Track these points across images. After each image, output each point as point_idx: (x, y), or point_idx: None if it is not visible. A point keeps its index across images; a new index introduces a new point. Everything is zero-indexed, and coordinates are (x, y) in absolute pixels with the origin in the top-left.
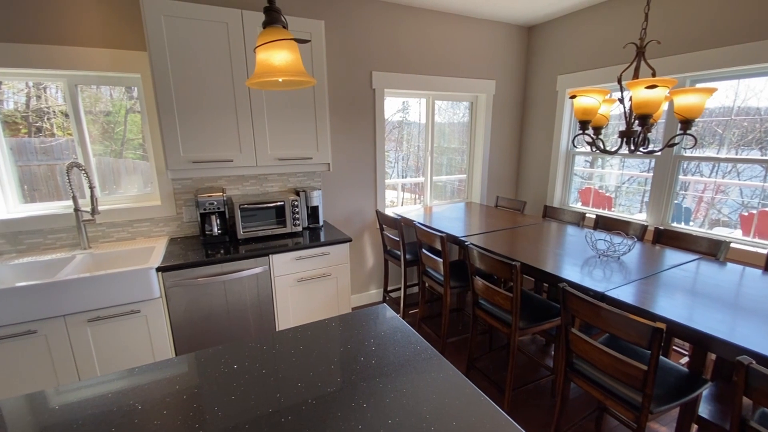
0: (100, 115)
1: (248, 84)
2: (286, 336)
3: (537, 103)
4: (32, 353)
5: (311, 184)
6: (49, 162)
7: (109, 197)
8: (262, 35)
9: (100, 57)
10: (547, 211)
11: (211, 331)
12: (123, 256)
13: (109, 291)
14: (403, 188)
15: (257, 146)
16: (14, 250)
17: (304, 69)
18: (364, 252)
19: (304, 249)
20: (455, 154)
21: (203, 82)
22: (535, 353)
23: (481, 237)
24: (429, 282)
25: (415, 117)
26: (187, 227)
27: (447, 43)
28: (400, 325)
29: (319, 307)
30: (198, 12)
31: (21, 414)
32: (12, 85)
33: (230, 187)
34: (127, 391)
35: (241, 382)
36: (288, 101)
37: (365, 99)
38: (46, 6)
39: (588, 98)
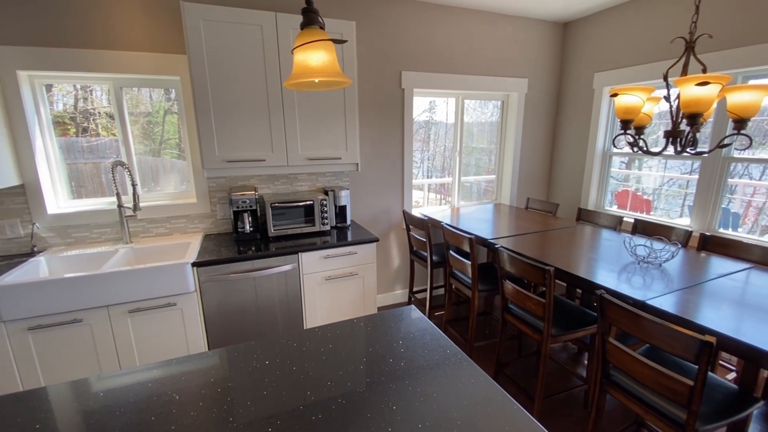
0: (141, 116)
1: (286, 85)
2: (315, 334)
3: (572, 102)
4: (78, 341)
5: (339, 183)
6: (94, 160)
7: (149, 194)
8: (300, 36)
9: (143, 60)
10: (581, 214)
11: (241, 325)
12: (161, 250)
13: (149, 284)
14: (429, 188)
15: (288, 146)
16: (63, 243)
17: (340, 70)
18: (390, 252)
19: (332, 248)
20: (483, 154)
21: (238, 83)
22: (566, 361)
23: (511, 240)
24: (456, 284)
25: (442, 116)
26: (221, 224)
27: (478, 41)
28: (428, 327)
29: (345, 306)
30: (234, 15)
31: (67, 399)
32: (62, 87)
33: (262, 186)
34: (165, 381)
35: (272, 378)
36: (319, 102)
37: (394, 99)
38: (95, 13)
39: (631, 96)
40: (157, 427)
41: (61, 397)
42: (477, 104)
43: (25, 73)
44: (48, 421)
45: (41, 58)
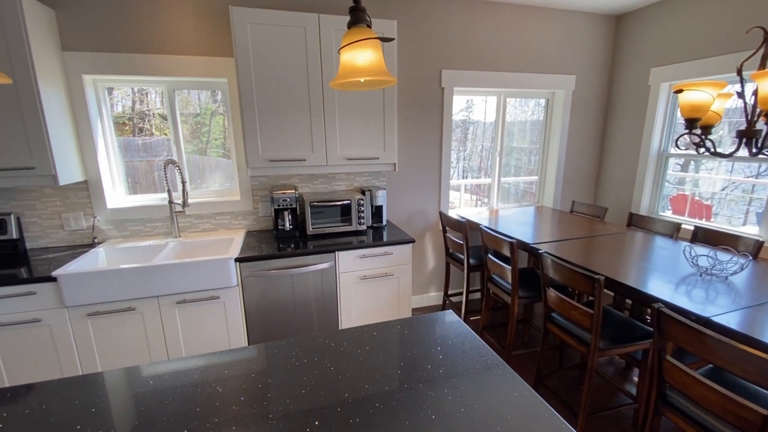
0: (189, 117)
1: (332, 85)
2: (352, 335)
3: (624, 99)
4: (131, 328)
5: (376, 183)
6: (148, 158)
7: (196, 191)
8: (347, 35)
9: (194, 64)
10: (632, 219)
11: (278, 321)
12: (207, 245)
13: (195, 277)
14: (465, 189)
15: (328, 146)
16: (120, 235)
17: (386, 68)
18: (425, 253)
19: (368, 248)
20: (523, 154)
21: (281, 84)
22: (613, 376)
23: (555, 245)
24: (494, 289)
25: (479, 116)
26: (262, 221)
27: (522, 37)
28: (467, 334)
29: (380, 306)
30: (279, 18)
31: (120, 385)
32: (121, 90)
33: (301, 185)
34: (210, 373)
35: (310, 377)
36: (358, 102)
37: (433, 98)
38: (153, 21)
39: (698, 93)
40: (202, 419)
41: (114, 382)
42: (517, 102)
43: (90, 77)
44: (103, 405)
45: (104, 63)
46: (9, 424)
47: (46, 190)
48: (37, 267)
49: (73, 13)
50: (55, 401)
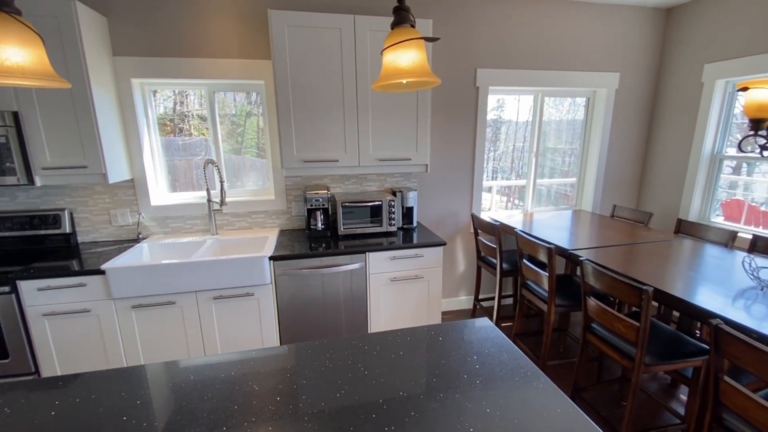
0: (226, 118)
1: (374, 87)
2: (385, 338)
3: (674, 98)
4: (171, 321)
5: (407, 184)
6: (187, 158)
7: (232, 190)
8: (390, 36)
9: (233, 67)
10: (681, 225)
11: (308, 319)
12: (242, 243)
13: (231, 274)
14: (497, 191)
15: (360, 147)
16: (162, 231)
17: (430, 69)
18: (456, 256)
19: (399, 249)
20: (557, 155)
21: (316, 86)
22: (657, 392)
23: (595, 252)
24: (528, 296)
25: (511, 115)
26: (295, 220)
27: (562, 33)
28: (505, 343)
29: (409, 308)
30: (315, 20)
31: (163, 379)
32: (164, 92)
33: (333, 186)
34: (247, 371)
35: (345, 380)
36: (392, 103)
37: (467, 97)
38: (196, 26)
39: (766, 91)
40: (240, 417)
41: (157, 375)
42: (552, 101)
43: (138, 81)
44: (147, 398)
45: (151, 67)
46: (61, 412)
47: (96, 187)
48: (88, 260)
49: (124, 20)
50: (103, 392)
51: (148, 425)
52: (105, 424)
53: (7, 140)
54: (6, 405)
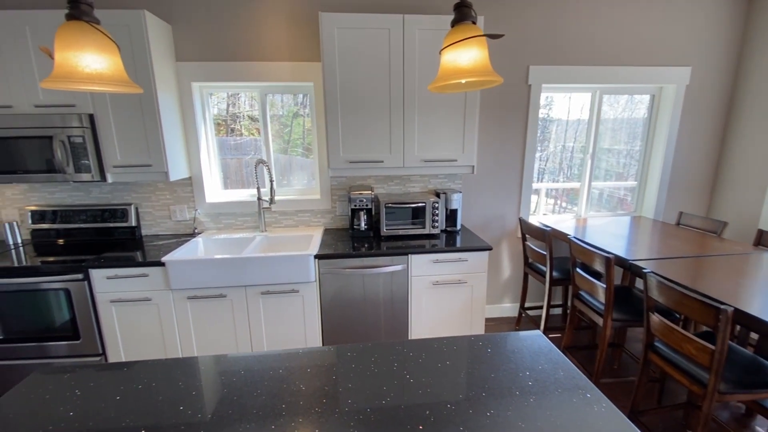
0: (274, 119)
1: (431, 89)
2: (431, 346)
3: (757, 94)
4: (222, 313)
5: (451, 186)
6: (237, 157)
7: (279, 189)
8: (451, 35)
9: (284, 69)
10: (762, 237)
11: (350, 319)
12: (289, 240)
13: (279, 270)
14: (545, 194)
15: (406, 148)
16: (215, 227)
17: (491, 68)
18: (501, 261)
19: (443, 252)
20: (611, 156)
21: (363, 87)
22: (728, 422)
23: (658, 263)
24: (581, 307)
25: (560, 113)
26: (339, 220)
27: (625, 25)
28: (560, 361)
29: (451, 313)
30: (364, 21)
31: (216, 372)
32: (218, 95)
33: (377, 186)
34: (294, 370)
35: (390, 387)
36: (438, 103)
37: (518, 96)
38: (251, 30)
39: None
40: (287, 417)
41: (211, 367)
42: (607, 98)
43: (197, 84)
44: (202, 389)
45: (209, 71)
46: (125, 398)
47: (159, 184)
48: (150, 252)
49: (187, 27)
50: (163, 380)
51: (202, 417)
52: (164, 412)
53: (83, 140)
54: (77, 387)
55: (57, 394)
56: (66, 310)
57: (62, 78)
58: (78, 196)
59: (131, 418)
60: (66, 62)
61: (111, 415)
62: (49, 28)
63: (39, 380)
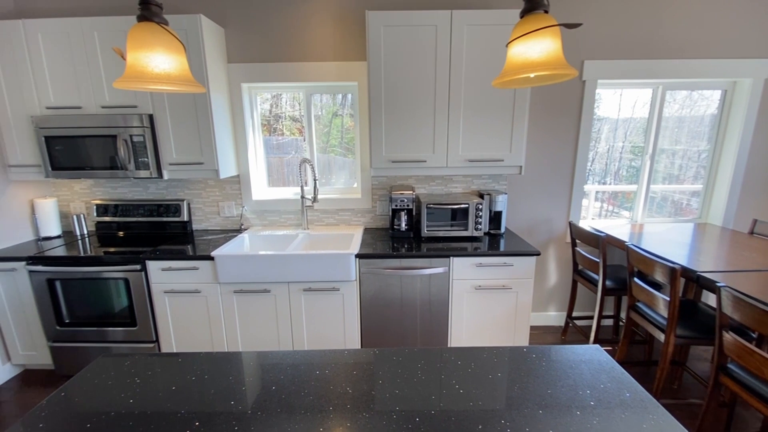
0: (315, 119)
1: (495, 84)
2: (480, 355)
3: None
4: (265, 307)
5: (495, 187)
6: (279, 155)
7: (321, 188)
8: (520, 26)
9: (330, 69)
10: None
11: (388, 320)
12: (330, 239)
13: (321, 268)
14: (595, 197)
15: (449, 147)
16: (260, 223)
17: (565, 60)
18: (547, 267)
19: (487, 256)
20: (665, 156)
21: (408, 85)
22: None
23: (730, 276)
24: (638, 320)
25: (609, 111)
26: (379, 220)
27: (692, 14)
28: (625, 380)
29: (494, 320)
30: (412, 18)
31: (265, 368)
32: (262, 95)
33: (418, 186)
34: (339, 372)
35: (439, 396)
36: (486, 100)
37: (571, 93)
38: (298, 31)
39: None
40: (335, 420)
41: (259, 363)
42: (668, 94)
43: (246, 85)
44: (251, 385)
45: (258, 72)
46: (180, 388)
47: (209, 182)
48: (200, 246)
49: (238, 30)
50: (214, 373)
51: (252, 413)
52: (216, 404)
53: (143, 139)
54: (137, 375)
55: (118, 380)
56: (125, 298)
57: (134, 78)
58: (137, 191)
59: (186, 409)
60: (137, 62)
61: (167, 405)
62: (115, 33)
63: (103, 365)
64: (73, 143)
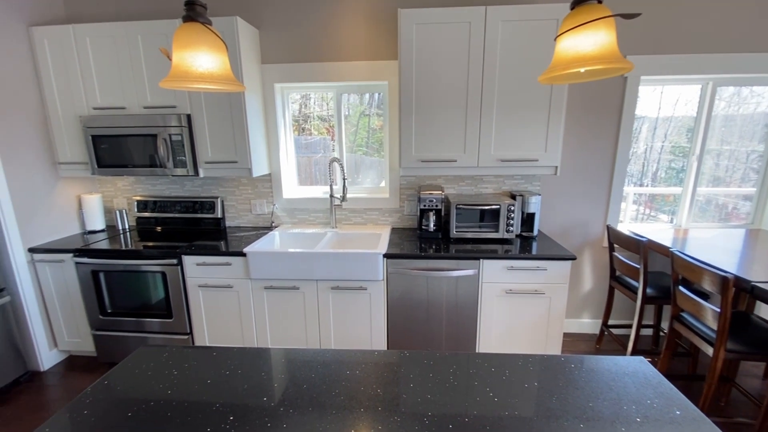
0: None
1: (542, 80)
2: (515, 363)
3: None
4: (294, 304)
5: (528, 188)
6: (308, 155)
7: (349, 187)
8: (571, 18)
9: (360, 69)
10: None
11: (415, 323)
12: (358, 238)
13: (349, 267)
14: (633, 200)
15: (481, 147)
16: (290, 221)
17: (620, 53)
18: (582, 272)
19: (519, 260)
20: (709, 158)
21: (439, 84)
22: None
23: None
24: (682, 331)
25: (647, 110)
26: (406, 220)
27: (745, 3)
28: (674, 396)
29: (525, 325)
30: (445, 16)
31: (296, 365)
32: (292, 96)
33: (447, 186)
34: (370, 372)
35: (472, 404)
36: (521, 99)
37: (611, 90)
38: (330, 31)
39: None
40: (367, 422)
41: (291, 361)
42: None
43: (279, 85)
44: (283, 382)
45: (291, 73)
46: (215, 382)
47: (242, 180)
48: (232, 243)
49: (272, 31)
50: (248, 368)
51: (284, 411)
52: (250, 400)
53: (181, 138)
54: (174, 367)
55: (157, 371)
56: (161, 291)
57: (179, 77)
58: (174, 188)
59: (221, 402)
60: (182, 62)
61: (203, 398)
62: (156, 36)
63: (143, 355)
64: (117, 142)
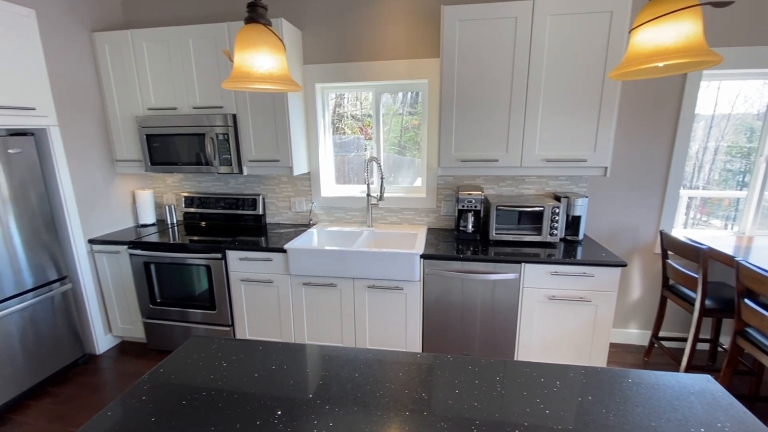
0: (367, 117)
1: (612, 76)
2: (565, 374)
3: None
4: (330, 301)
5: (573, 189)
6: (341, 154)
7: (386, 187)
8: (650, 8)
9: (400, 67)
10: None
11: (451, 326)
12: (394, 238)
13: (386, 266)
14: (689, 204)
15: (525, 146)
16: (328, 219)
17: (707, 45)
18: (631, 279)
19: (564, 264)
20: None
21: (482, 82)
22: None
23: None
24: (748, 347)
25: (702, 107)
26: (443, 220)
27: None
28: (749, 421)
29: (569, 334)
30: (490, 12)
31: (339, 363)
32: (330, 95)
33: (486, 186)
34: (414, 376)
35: (523, 415)
36: (569, 96)
37: (668, 87)
38: (370, 30)
39: None
40: (411, 426)
41: (333, 358)
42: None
43: (320, 86)
44: (327, 380)
45: (331, 73)
46: (262, 376)
47: (283, 178)
48: (272, 239)
49: (314, 32)
50: (293, 363)
51: (329, 409)
52: (296, 395)
53: (227, 137)
54: (224, 359)
55: (208, 362)
56: (206, 283)
57: (241, 78)
58: (218, 185)
59: (268, 397)
60: (244, 62)
61: (251, 391)
62: (206, 40)
63: (195, 346)
64: (168, 141)
